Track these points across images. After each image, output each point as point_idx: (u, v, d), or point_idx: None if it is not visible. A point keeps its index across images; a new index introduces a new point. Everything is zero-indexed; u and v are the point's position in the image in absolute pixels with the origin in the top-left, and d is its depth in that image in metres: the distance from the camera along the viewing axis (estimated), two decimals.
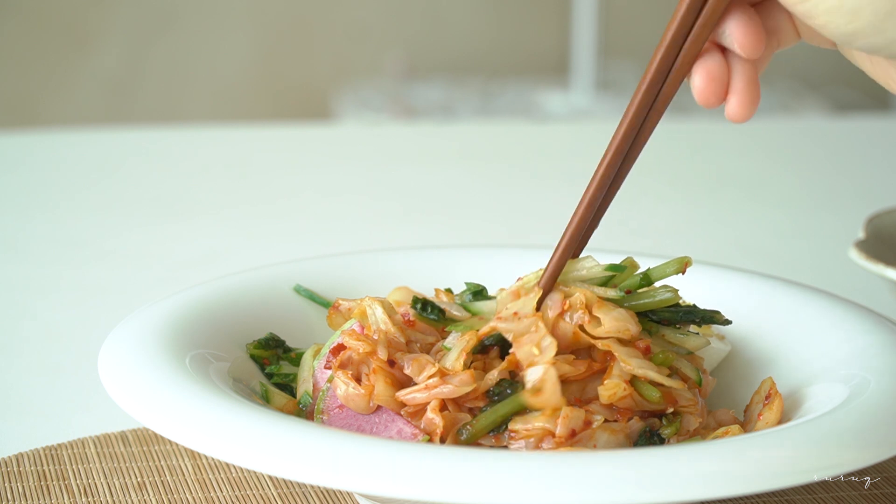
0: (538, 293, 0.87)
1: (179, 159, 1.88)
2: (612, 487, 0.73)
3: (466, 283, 0.96)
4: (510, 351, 0.86)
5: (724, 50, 0.83)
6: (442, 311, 0.91)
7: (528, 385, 0.84)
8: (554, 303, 0.87)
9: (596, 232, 0.90)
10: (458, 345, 0.87)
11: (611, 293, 0.90)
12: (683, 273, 0.91)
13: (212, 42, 3.75)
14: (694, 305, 0.92)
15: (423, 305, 0.91)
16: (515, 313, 0.87)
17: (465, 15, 3.87)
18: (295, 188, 1.75)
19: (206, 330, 0.94)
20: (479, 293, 0.95)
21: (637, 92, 0.85)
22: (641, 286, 0.91)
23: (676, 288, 0.91)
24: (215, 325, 0.96)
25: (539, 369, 0.84)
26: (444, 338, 0.90)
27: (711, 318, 0.92)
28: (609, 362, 0.86)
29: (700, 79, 0.83)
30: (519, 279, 0.90)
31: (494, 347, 0.87)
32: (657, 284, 0.91)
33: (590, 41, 3.70)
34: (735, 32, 0.82)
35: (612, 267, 0.90)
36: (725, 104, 0.83)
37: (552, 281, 0.89)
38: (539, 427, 0.83)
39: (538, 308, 0.87)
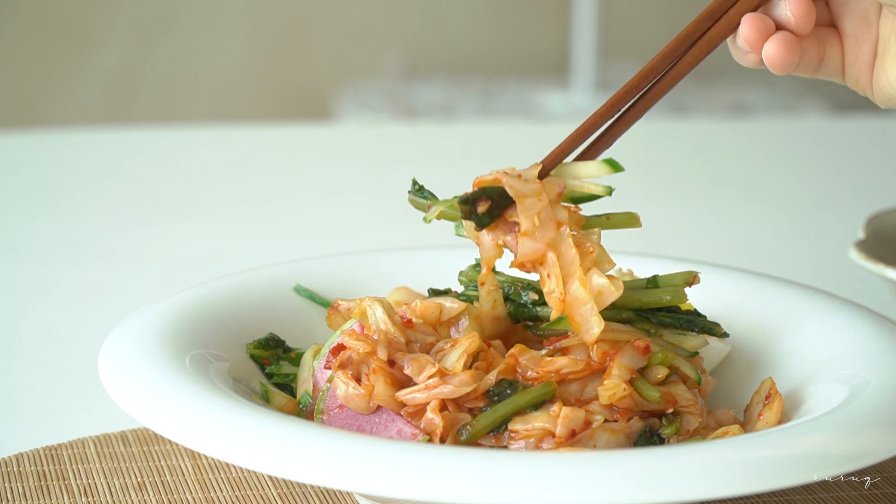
0: (539, 166, 0.88)
1: (179, 159, 1.88)
2: (612, 487, 0.73)
3: (476, 259, 0.96)
4: (504, 210, 0.86)
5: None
6: (434, 195, 0.92)
7: (519, 257, 0.85)
8: (554, 184, 0.87)
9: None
10: (459, 346, 0.87)
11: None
12: (689, 286, 0.91)
13: (212, 42, 3.75)
14: (695, 311, 0.92)
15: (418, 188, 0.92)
16: (520, 175, 0.87)
17: (465, 15, 3.87)
18: (295, 188, 1.75)
19: (206, 330, 0.94)
20: None
21: (684, 30, 0.89)
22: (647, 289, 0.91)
23: (685, 293, 0.91)
24: (215, 325, 0.96)
25: (535, 247, 0.85)
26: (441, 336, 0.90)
27: (710, 329, 0.92)
28: (608, 363, 0.86)
29: (747, 24, 0.87)
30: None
31: (487, 203, 0.87)
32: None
33: (590, 41, 3.70)
34: (791, 4, 0.87)
35: (608, 190, 0.89)
36: (763, 48, 0.87)
37: (556, 160, 0.88)
38: (539, 427, 0.83)
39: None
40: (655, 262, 1.03)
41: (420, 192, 0.93)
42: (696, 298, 0.98)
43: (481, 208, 0.87)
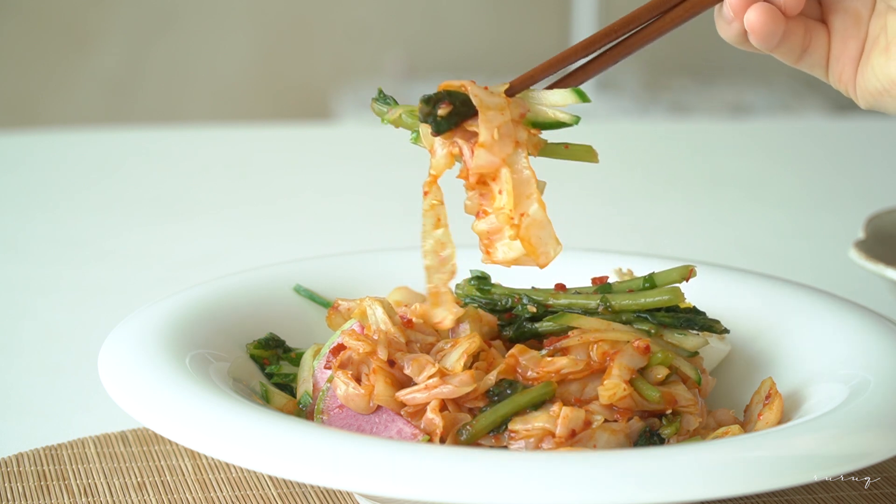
0: (507, 85, 0.87)
1: (179, 159, 1.88)
2: (612, 487, 0.73)
3: (471, 271, 0.96)
4: (464, 120, 0.85)
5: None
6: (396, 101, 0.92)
7: (473, 168, 0.84)
8: (519, 104, 0.87)
9: (597, 233, 0.90)
10: (459, 346, 0.87)
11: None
12: (687, 281, 0.91)
13: (212, 42, 3.75)
14: (694, 309, 0.93)
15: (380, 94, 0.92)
16: (486, 87, 0.87)
17: (465, 15, 3.87)
18: (295, 188, 1.75)
19: (206, 330, 0.94)
20: (482, 279, 0.95)
21: None
22: (644, 289, 0.91)
23: (682, 291, 0.91)
24: (215, 325, 0.96)
25: (491, 160, 0.84)
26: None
27: (710, 327, 0.92)
28: (608, 363, 0.86)
29: None
30: None
31: (448, 107, 0.86)
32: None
33: None
34: None
35: (575, 119, 0.89)
36: (746, 15, 0.87)
37: (525, 84, 0.88)
38: (539, 427, 0.83)
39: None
40: (655, 262, 1.03)
41: (383, 99, 0.92)
42: (696, 298, 0.98)
43: (442, 111, 0.86)
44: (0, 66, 3.65)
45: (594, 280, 0.94)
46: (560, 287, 0.94)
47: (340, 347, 0.89)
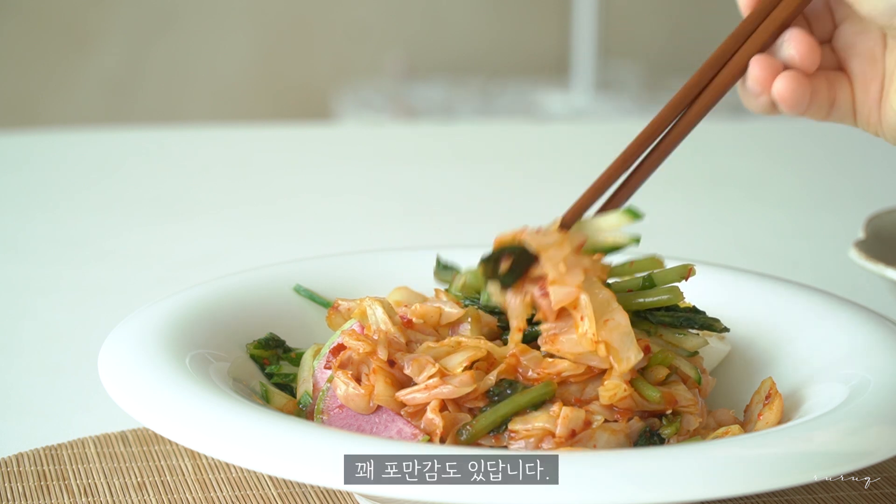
0: (558, 220, 0.88)
1: (179, 159, 1.88)
2: (612, 487, 0.73)
3: (470, 271, 0.96)
4: (527, 269, 0.86)
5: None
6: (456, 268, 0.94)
7: (554, 304, 0.84)
8: (575, 236, 0.88)
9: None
10: (463, 351, 0.87)
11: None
12: (686, 280, 0.91)
13: (212, 42, 3.75)
14: (694, 308, 0.92)
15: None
16: (539, 230, 0.87)
17: (465, 15, 3.87)
18: (295, 188, 1.75)
19: (206, 330, 0.94)
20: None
21: (702, 71, 0.90)
22: (644, 288, 0.91)
23: (681, 290, 0.91)
24: (215, 325, 0.96)
25: (567, 291, 0.84)
26: (443, 337, 0.90)
27: (710, 325, 0.92)
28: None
29: (756, 65, 0.88)
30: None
31: (509, 260, 0.87)
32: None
33: (590, 41, 3.70)
34: (794, 39, 0.88)
35: (633, 239, 0.89)
36: (774, 85, 0.88)
37: (575, 216, 0.89)
38: (539, 427, 0.83)
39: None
40: (669, 267, 1.03)
41: (443, 268, 0.97)
42: (696, 298, 0.98)
43: (504, 266, 0.87)
44: (0, 66, 3.65)
45: None
46: None
47: (340, 347, 0.89)
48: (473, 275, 0.92)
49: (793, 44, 0.88)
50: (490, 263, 0.87)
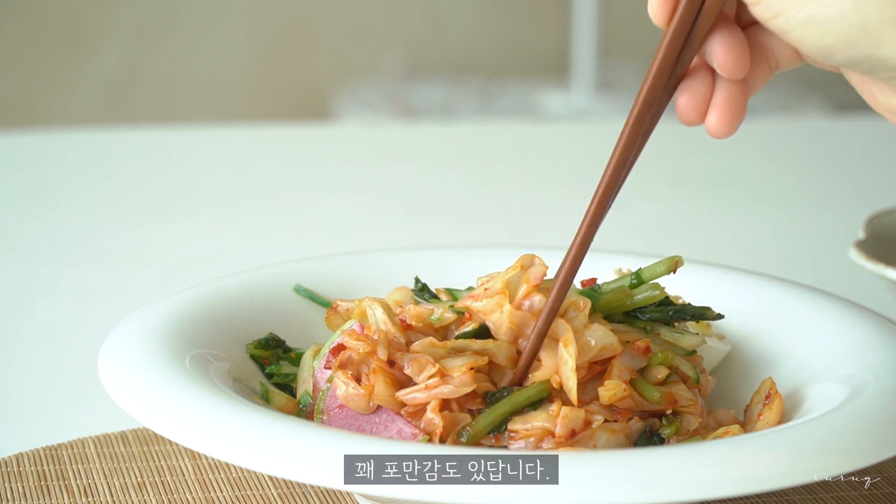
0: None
1: (179, 159, 1.88)
2: (612, 487, 0.73)
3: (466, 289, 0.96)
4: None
5: (713, 71, 0.83)
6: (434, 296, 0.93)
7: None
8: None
9: (597, 232, 0.90)
10: (466, 357, 0.87)
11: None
12: (674, 272, 0.91)
13: (212, 42, 3.75)
14: (688, 304, 0.92)
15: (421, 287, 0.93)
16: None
17: (465, 15, 3.86)
18: (295, 188, 1.75)
19: (206, 330, 0.94)
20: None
21: (632, 110, 0.84)
22: (632, 287, 0.91)
23: (662, 285, 0.90)
24: (215, 325, 0.96)
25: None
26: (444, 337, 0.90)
27: (702, 314, 0.92)
28: (609, 362, 0.86)
29: (682, 97, 0.83)
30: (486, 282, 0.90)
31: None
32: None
33: (590, 41, 3.70)
34: (717, 52, 0.82)
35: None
36: (705, 122, 0.83)
37: (572, 274, 0.86)
38: (539, 427, 0.83)
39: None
40: (655, 262, 1.03)
41: (420, 291, 0.97)
42: (696, 298, 0.98)
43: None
44: (0, 66, 3.65)
45: (583, 283, 0.93)
46: None
47: (340, 347, 0.89)
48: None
49: (716, 57, 0.82)
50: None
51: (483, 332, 0.88)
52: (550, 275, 0.89)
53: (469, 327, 0.88)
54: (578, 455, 0.76)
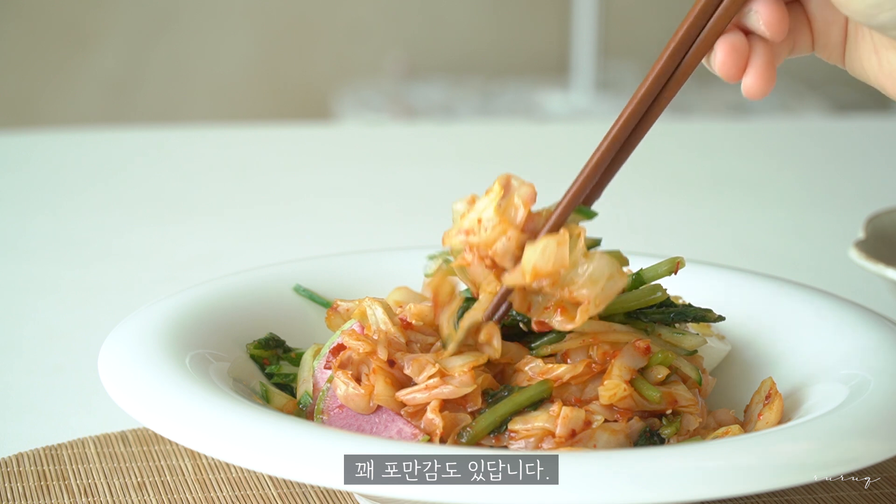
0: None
1: (180, 159, 1.89)
2: (612, 487, 0.73)
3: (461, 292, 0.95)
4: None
5: (746, 33, 0.86)
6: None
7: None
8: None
9: (597, 233, 0.90)
10: (466, 356, 0.87)
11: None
12: (675, 273, 0.91)
13: (212, 42, 3.75)
14: (689, 305, 0.92)
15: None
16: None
17: (465, 15, 3.87)
18: (295, 188, 1.75)
19: (206, 330, 0.94)
20: (472, 299, 0.94)
21: (659, 59, 0.87)
22: (633, 287, 0.91)
23: (664, 287, 0.91)
24: (215, 325, 0.96)
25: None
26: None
27: (703, 316, 0.92)
28: (609, 363, 0.86)
29: (722, 51, 0.86)
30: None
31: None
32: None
33: (590, 41, 3.70)
34: (762, 11, 0.85)
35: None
36: (742, 80, 0.86)
37: (562, 219, 0.87)
38: (539, 427, 0.83)
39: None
40: (655, 262, 1.03)
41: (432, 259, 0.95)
42: (696, 299, 0.98)
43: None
44: (0, 66, 3.65)
45: None
46: None
47: (340, 347, 0.89)
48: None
49: (761, 16, 0.85)
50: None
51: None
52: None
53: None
54: (578, 455, 0.76)
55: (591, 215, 0.87)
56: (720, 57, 0.86)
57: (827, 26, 0.87)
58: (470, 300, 0.89)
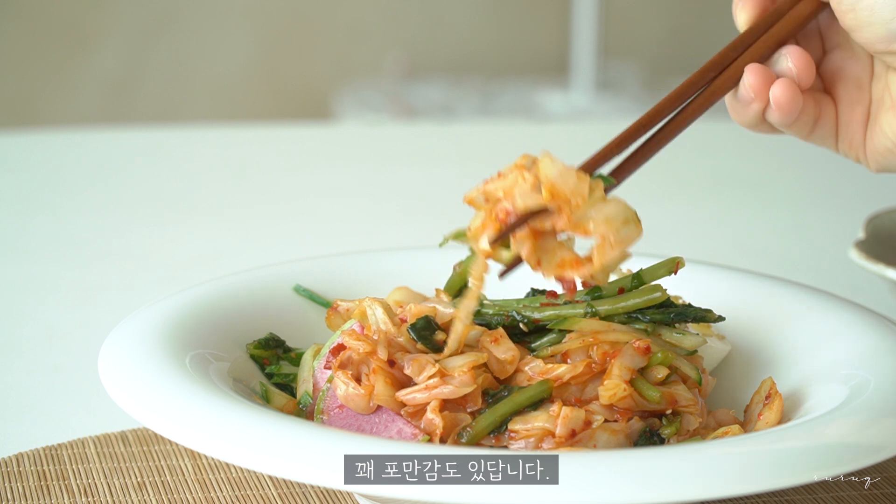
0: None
1: (180, 159, 1.89)
2: (612, 487, 0.73)
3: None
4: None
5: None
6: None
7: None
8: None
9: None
10: (467, 356, 0.87)
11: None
12: (675, 273, 0.91)
13: (212, 42, 3.75)
14: (689, 305, 0.92)
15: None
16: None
17: (465, 15, 3.86)
18: (295, 188, 1.75)
19: (206, 330, 0.94)
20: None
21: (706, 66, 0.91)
22: (633, 287, 0.91)
23: (664, 287, 0.91)
24: (215, 325, 0.96)
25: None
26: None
27: (703, 316, 0.92)
28: (609, 363, 0.86)
29: (751, 73, 0.91)
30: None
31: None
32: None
33: (590, 41, 3.70)
34: (792, 54, 0.91)
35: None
36: (770, 91, 0.90)
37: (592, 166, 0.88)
38: (539, 427, 0.83)
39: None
40: (656, 262, 1.03)
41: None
42: (696, 299, 0.98)
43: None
44: (0, 66, 3.65)
45: (584, 283, 0.93)
46: (552, 294, 0.94)
47: (340, 347, 0.89)
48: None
49: (791, 58, 0.91)
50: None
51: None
52: None
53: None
54: (578, 455, 0.76)
55: (609, 182, 0.87)
56: (749, 77, 0.90)
57: (852, 107, 0.91)
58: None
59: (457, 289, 0.96)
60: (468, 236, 0.86)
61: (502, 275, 0.85)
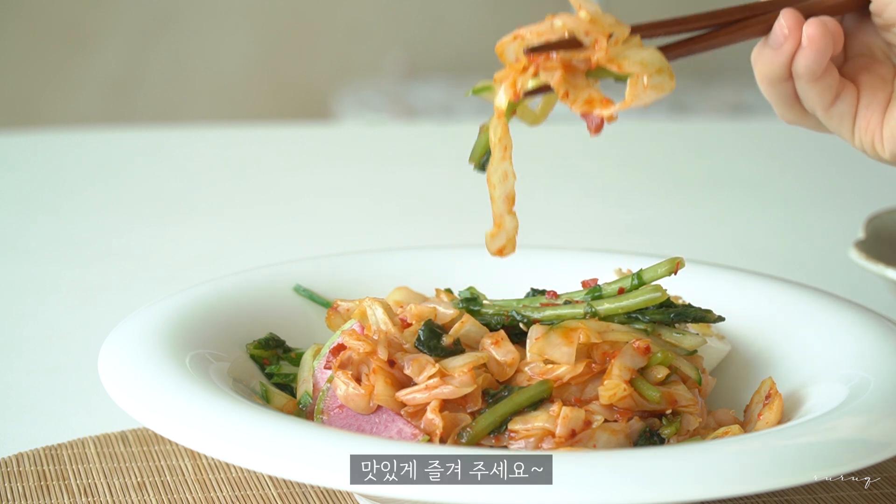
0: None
1: (180, 159, 1.89)
2: (612, 487, 0.73)
3: (460, 293, 0.95)
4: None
5: None
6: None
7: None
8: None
9: (598, 233, 0.90)
10: (467, 356, 0.87)
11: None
12: (675, 274, 0.91)
13: (212, 42, 3.75)
14: (689, 305, 0.93)
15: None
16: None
17: (465, 15, 3.87)
18: (295, 188, 1.75)
19: (206, 330, 0.94)
20: (471, 300, 0.93)
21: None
22: (633, 287, 0.91)
23: (664, 287, 0.91)
24: (215, 325, 0.96)
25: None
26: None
27: (703, 316, 0.92)
28: (609, 363, 0.86)
29: (786, 15, 0.89)
30: None
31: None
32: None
33: None
34: (823, 19, 0.89)
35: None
36: (804, 27, 0.89)
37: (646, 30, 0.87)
38: (539, 427, 0.83)
39: None
40: (656, 262, 1.03)
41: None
42: (696, 299, 0.98)
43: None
44: (0, 66, 3.65)
45: (584, 283, 0.93)
46: (552, 294, 0.94)
47: (340, 347, 0.89)
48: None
49: (820, 19, 0.89)
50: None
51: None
52: None
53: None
54: (577, 455, 0.76)
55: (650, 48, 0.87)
56: (782, 19, 0.89)
57: (874, 92, 0.92)
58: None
59: (481, 153, 0.96)
60: (495, 80, 0.87)
61: (526, 95, 0.85)
